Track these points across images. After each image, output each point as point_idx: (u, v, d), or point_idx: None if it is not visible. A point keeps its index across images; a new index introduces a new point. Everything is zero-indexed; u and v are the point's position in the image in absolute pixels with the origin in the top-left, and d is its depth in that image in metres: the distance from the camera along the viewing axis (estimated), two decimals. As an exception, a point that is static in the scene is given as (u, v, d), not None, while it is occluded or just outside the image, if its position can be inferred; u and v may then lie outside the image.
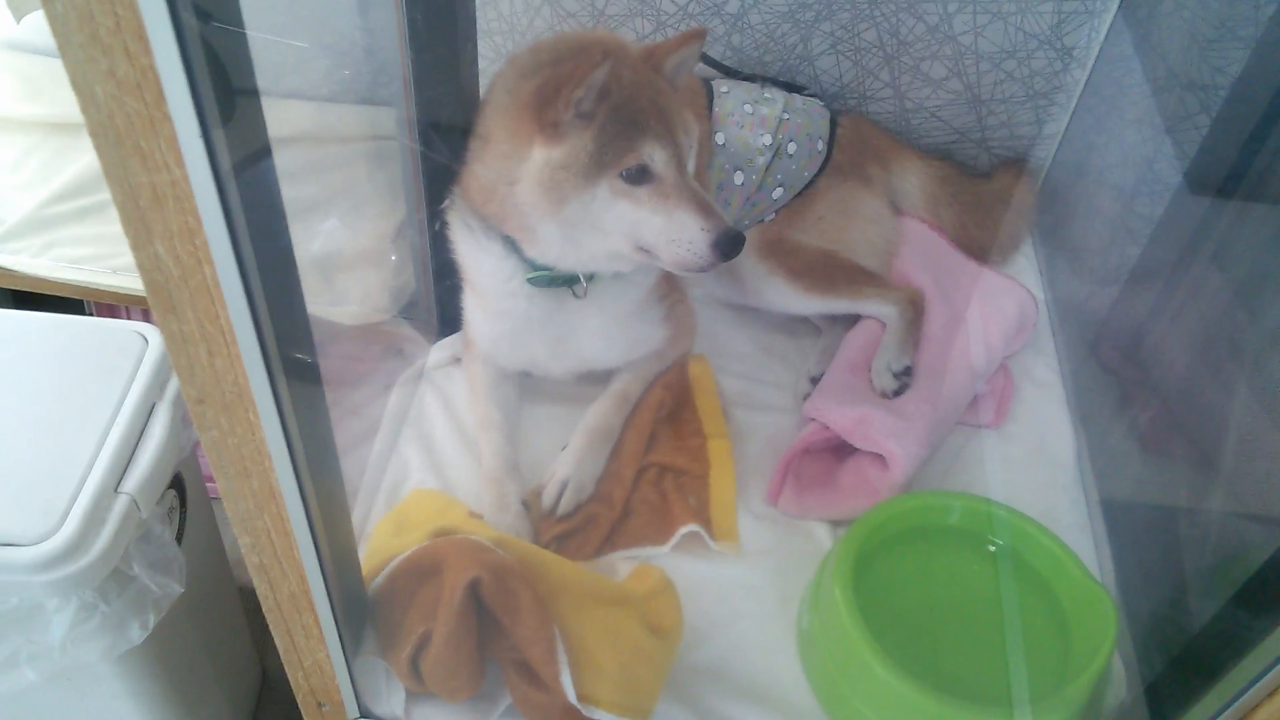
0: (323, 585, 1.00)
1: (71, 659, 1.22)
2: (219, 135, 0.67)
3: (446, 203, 1.40)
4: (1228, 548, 1.23)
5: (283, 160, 0.79)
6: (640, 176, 1.20)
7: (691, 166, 1.25)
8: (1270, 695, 0.90)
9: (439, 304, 1.59)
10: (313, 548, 0.96)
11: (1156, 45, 1.63)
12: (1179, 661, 1.12)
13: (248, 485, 0.91)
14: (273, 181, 0.77)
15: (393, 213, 1.66)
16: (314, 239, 1.58)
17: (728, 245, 1.20)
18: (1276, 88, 1.35)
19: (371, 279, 1.68)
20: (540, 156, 1.20)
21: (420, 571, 1.14)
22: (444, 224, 1.41)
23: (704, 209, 1.21)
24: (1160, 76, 1.61)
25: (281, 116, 1.72)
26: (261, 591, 1.03)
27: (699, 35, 1.29)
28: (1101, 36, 1.72)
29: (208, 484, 1.54)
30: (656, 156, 1.20)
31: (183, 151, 0.67)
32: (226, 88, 0.68)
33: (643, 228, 1.22)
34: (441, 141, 1.41)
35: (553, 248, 1.29)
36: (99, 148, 0.68)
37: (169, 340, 0.80)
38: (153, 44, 0.62)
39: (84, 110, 0.66)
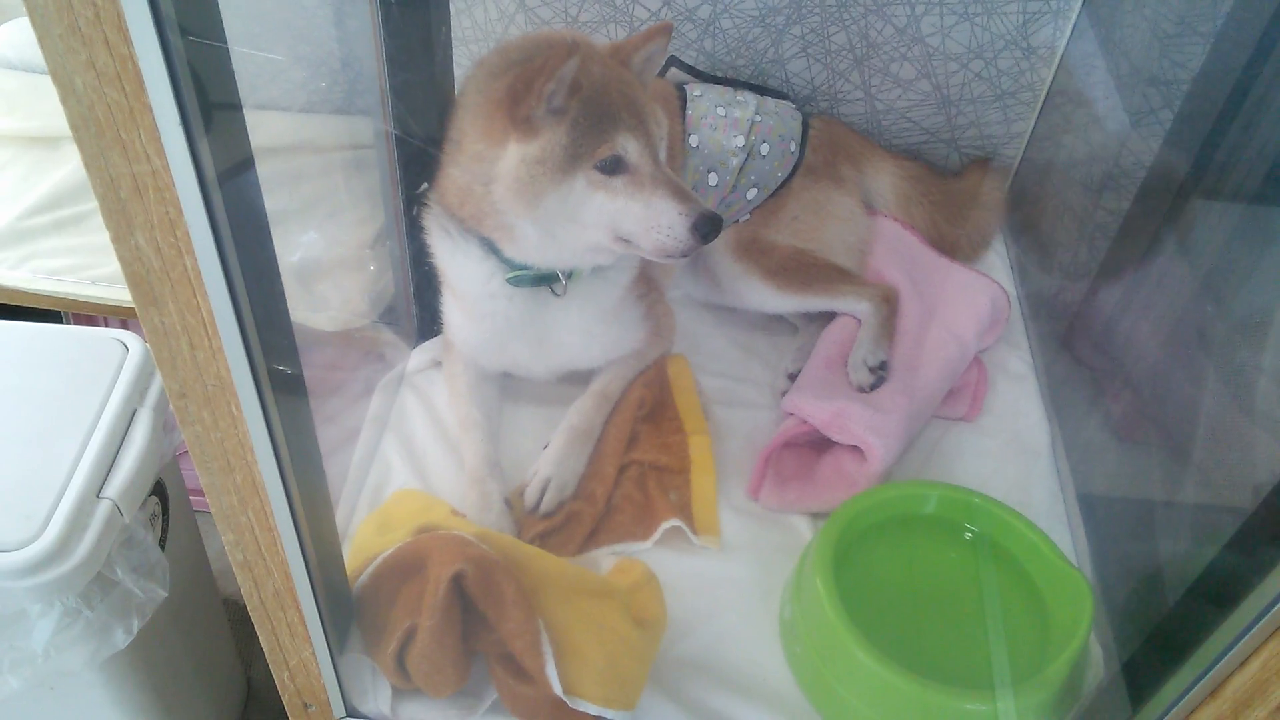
0: (307, 581, 1.00)
1: (55, 665, 1.21)
2: (199, 125, 0.68)
3: (422, 187, 1.40)
4: (1197, 528, 1.25)
5: (262, 170, 0.81)
6: (615, 167, 1.22)
7: (663, 156, 1.27)
8: (1242, 665, 0.91)
9: (418, 308, 1.60)
10: (296, 542, 0.96)
11: (1119, 43, 1.66)
12: (1154, 638, 1.13)
13: (230, 480, 0.91)
14: (253, 173, 0.78)
15: (371, 219, 1.67)
16: (294, 247, 1.59)
17: (706, 227, 1.22)
18: (1235, 81, 1.38)
19: (351, 285, 1.69)
20: (515, 154, 1.21)
21: (404, 567, 1.15)
22: (421, 228, 1.42)
23: (680, 194, 1.23)
24: (1124, 73, 1.65)
25: (260, 127, 1.73)
26: (245, 589, 1.03)
27: (664, 30, 1.31)
28: (1066, 35, 1.76)
29: (192, 496, 1.53)
30: (630, 147, 1.22)
31: (163, 141, 0.68)
32: (206, 78, 0.69)
33: (621, 217, 1.23)
34: (418, 148, 1.43)
35: (531, 245, 1.30)
36: (79, 139, 0.69)
37: (150, 333, 0.80)
38: (132, 34, 0.63)
39: (64, 101, 0.67)
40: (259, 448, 0.88)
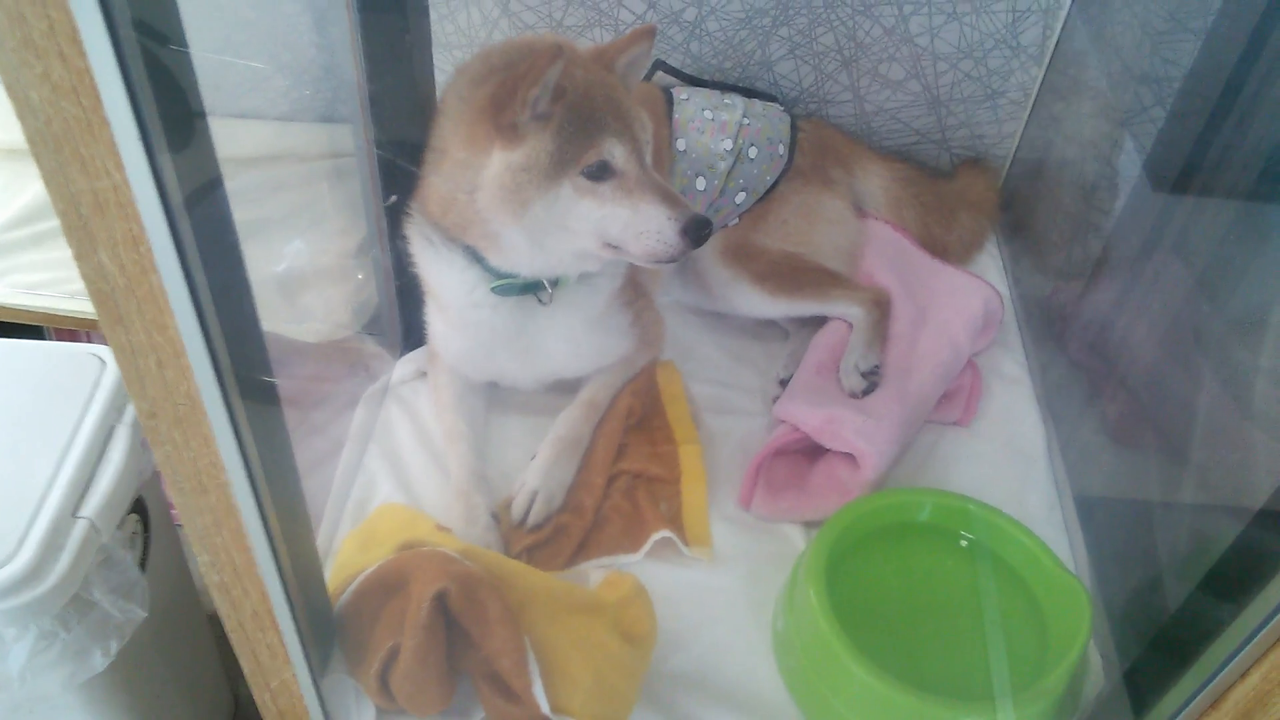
0: (285, 602, 0.98)
1: (32, 689, 1.19)
2: (160, 138, 0.66)
3: (390, 200, 1.38)
4: (1197, 535, 1.23)
5: (240, 181, 0.78)
6: (602, 173, 1.20)
7: (649, 161, 1.25)
8: (1243, 676, 0.90)
9: (403, 318, 1.58)
10: (273, 564, 0.94)
11: (1110, 40, 1.64)
12: (1154, 648, 1.12)
13: (205, 501, 0.89)
14: (220, 186, 0.75)
15: (354, 229, 1.64)
16: (275, 258, 1.56)
17: (696, 231, 1.20)
18: (1227, 78, 1.36)
19: (334, 296, 1.66)
20: (500, 161, 1.19)
21: (386, 585, 1.13)
22: (403, 237, 1.40)
23: (669, 198, 1.21)
24: (1115, 71, 1.63)
25: (236, 137, 1.70)
26: (223, 611, 1.01)
27: (648, 33, 1.29)
28: (1056, 33, 1.74)
29: (173, 510, 1.51)
30: (616, 152, 1.20)
31: (122, 156, 0.65)
32: (167, 90, 0.67)
33: (609, 223, 1.22)
34: (400, 156, 1.40)
35: (517, 253, 1.28)
36: (37, 155, 0.67)
37: (118, 353, 0.78)
38: (87, 47, 0.61)
39: (20, 116, 0.64)
40: (231, 468, 0.85)
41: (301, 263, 1.63)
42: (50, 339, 1.84)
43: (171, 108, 0.68)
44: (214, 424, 0.82)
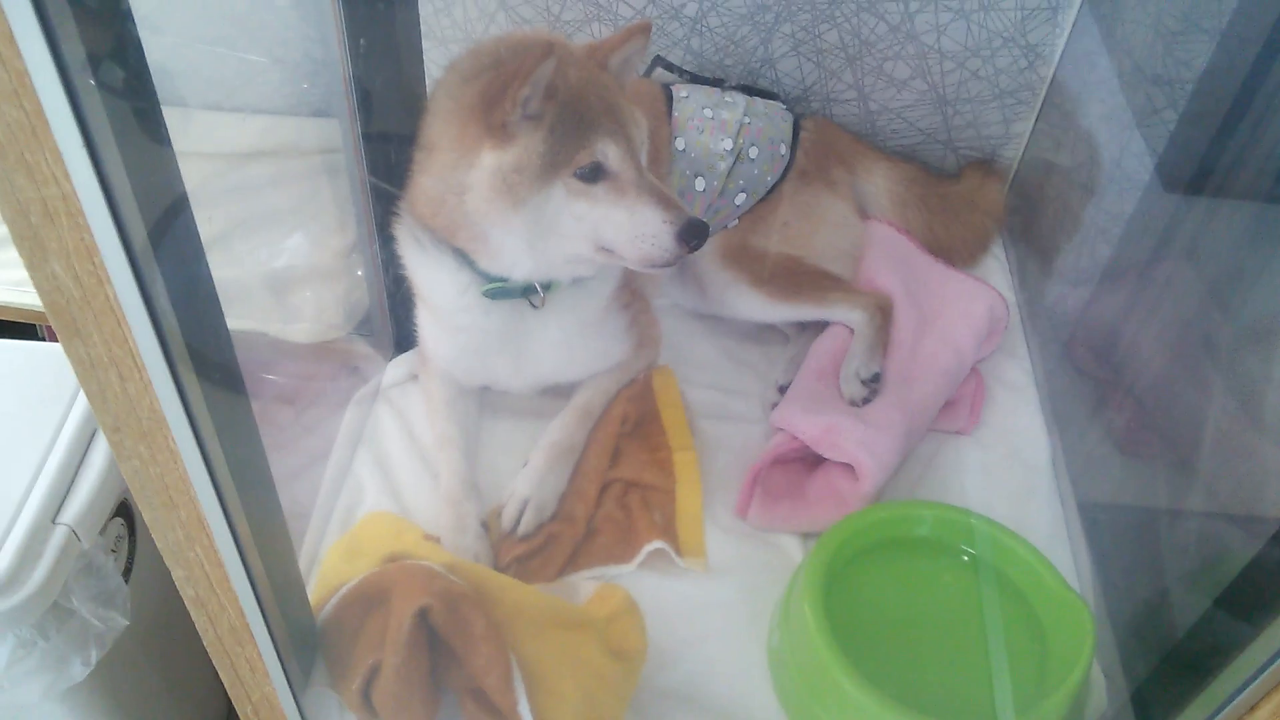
0: (260, 617, 0.96)
1: (10, 698, 1.17)
2: (108, 142, 0.63)
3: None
4: (1208, 552, 1.19)
5: (227, 178, 0.75)
6: (595, 174, 1.17)
7: (644, 161, 1.22)
8: (1252, 709, 0.86)
9: (395, 320, 1.55)
10: (246, 579, 0.92)
11: (1121, 40, 1.60)
12: (1161, 672, 1.09)
13: (175, 516, 0.87)
14: (177, 189, 0.72)
15: (346, 228, 1.61)
16: (262, 256, 1.53)
17: (692, 235, 1.17)
18: (1242, 80, 1.32)
19: (324, 295, 1.63)
20: (490, 161, 1.16)
21: (368, 599, 1.10)
22: (393, 239, 1.37)
23: (664, 201, 1.18)
24: (1126, 71, 1.59)
25: (218, 132, 1.67)
26: (201, 625, 0.99)
27: (643, 29, 1.26)
28: (1066, 32, 1.70)
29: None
30: (610, 152, 1.17)
31: (67, 162, 0.62)
32: (117, 90, 0.64)
33: (603, 226, 1.19)
34: (389, 152, 1.37)
35: (508, 256, 1.25)
36: (-19, 161, 0.64)
37: (77, 366, 0.75)
38: (22, 46, 0.57)
39: (-40, 121, 0.61)
40: (199, 483, 0.83)
41: (290, 261, 1.60)
42: (43, 337, 1.82)
43: (122, 108, 0.65)
44: (179, 438, 0.79)
